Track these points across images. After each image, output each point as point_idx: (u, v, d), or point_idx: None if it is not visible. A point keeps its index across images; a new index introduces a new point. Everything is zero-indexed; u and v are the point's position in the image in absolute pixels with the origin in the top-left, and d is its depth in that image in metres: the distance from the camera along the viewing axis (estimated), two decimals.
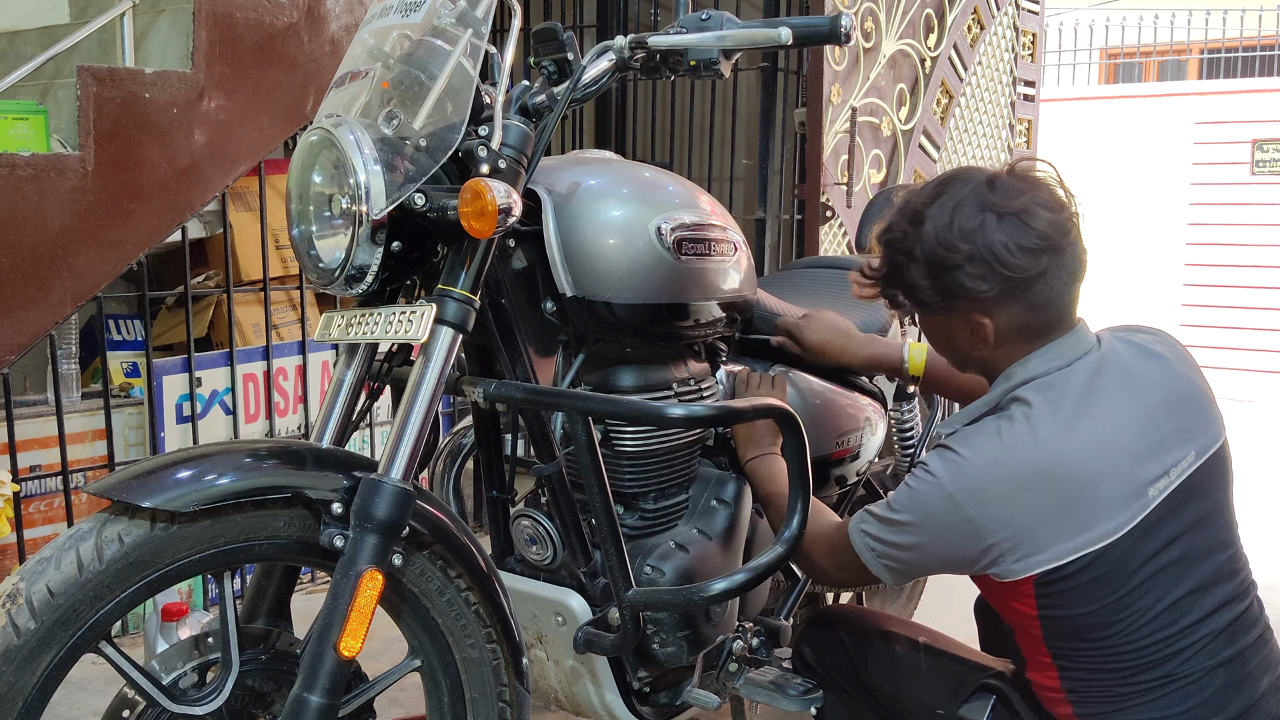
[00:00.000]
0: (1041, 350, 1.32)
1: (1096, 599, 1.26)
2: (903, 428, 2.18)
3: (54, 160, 2.25)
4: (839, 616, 1.65)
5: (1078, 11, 8.99)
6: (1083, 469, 1.24)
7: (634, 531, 1.56)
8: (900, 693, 1.50)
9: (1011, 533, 1.24)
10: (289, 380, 2.95)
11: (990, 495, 1.25)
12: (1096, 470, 1.24)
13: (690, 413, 1.37)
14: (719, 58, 1.37)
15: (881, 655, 1.54)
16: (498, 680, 1.35)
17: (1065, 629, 1.30)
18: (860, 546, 1.39)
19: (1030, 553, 1.25)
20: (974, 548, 1.28)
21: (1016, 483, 1.24)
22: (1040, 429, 1.26)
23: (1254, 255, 6.35)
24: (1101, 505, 1.24)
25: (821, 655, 1.60)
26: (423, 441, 1.25)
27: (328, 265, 1.30)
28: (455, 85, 1.26)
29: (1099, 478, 1.24)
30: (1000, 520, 1.25)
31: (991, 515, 1.25)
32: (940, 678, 1.48)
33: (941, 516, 1.28)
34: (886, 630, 1.57)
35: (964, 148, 4.08)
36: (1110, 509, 1.24)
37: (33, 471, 2.53)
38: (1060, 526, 1.23)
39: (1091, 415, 1.27)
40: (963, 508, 1.26)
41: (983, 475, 1.26)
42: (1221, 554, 1.31)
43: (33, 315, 2.25)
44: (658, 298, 1.49)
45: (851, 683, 1.56)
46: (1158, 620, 1.27)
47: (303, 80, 2.67)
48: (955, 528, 1.28)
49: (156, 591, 1.13)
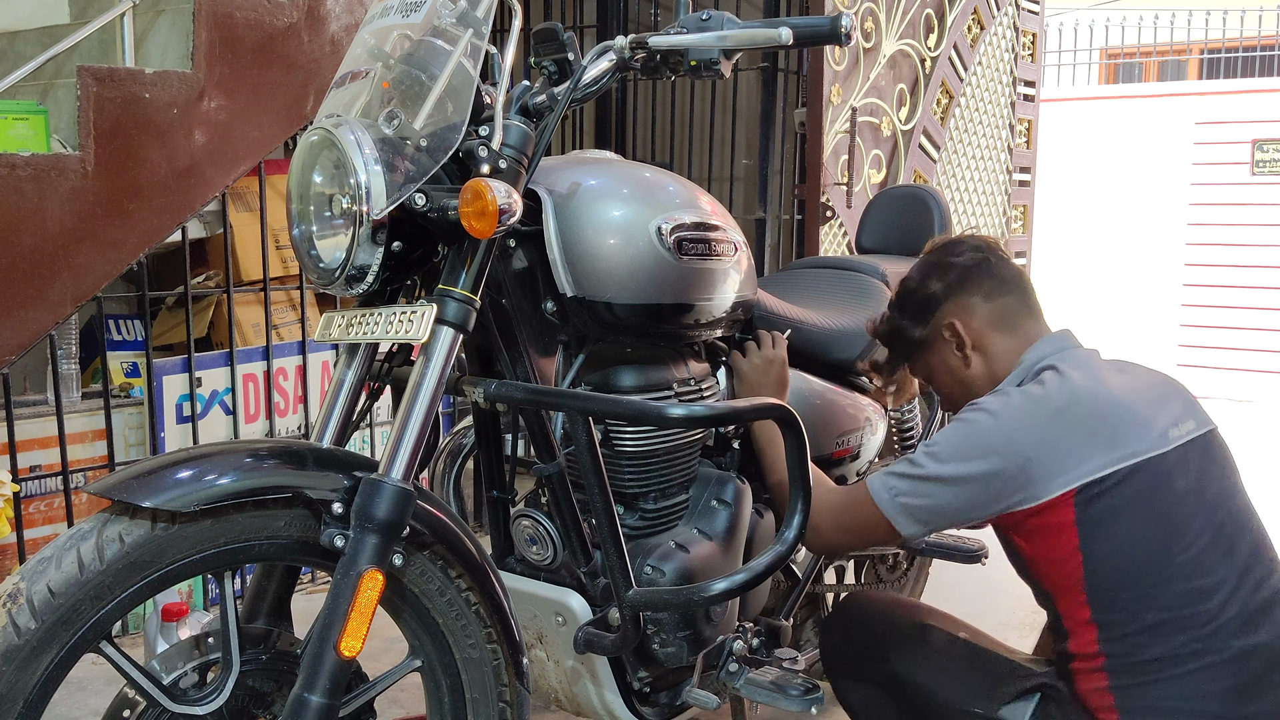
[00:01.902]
0: (1045, 339, 1.51)
1: (1134, 519, 1.33)
2: (903, 428, 2.19)
3: (54, 160, 2.25)
4: (870, 604, 1.64)
5: (1078, 11, 8.99)
6: (1109, 403, 1.40)
7: (634, 531, 1.56)
8: (936, 688, 1.47)
9: (1049, 449, 1.36)
10: (289, 380, 2.95)
11: (1031, 415, 1.39)
12: (1120, 408, 1.39)
13: (690, 413, 1.37)
14: (719, 58, 1.37)
15: (917, 649, 1.51)
16: (498, 680, 1.35)
17: (1106, 565, 1.33)
18: (879, 490, 1.46)
19: (1066, 467, 1.35)
20: (1010, 465, 1.37)
21: (1054, 409, 1.39)
22: (1070, 379, 1.42)
23: (1254, 255, 6.35)
24: (1128, 429, 1.37)
25: (852, 644, 1.59)
26: (423, 441, 1.25)
27: (328, 265, 1.30)
28: (456, 85, 1.26)
29: (1124, 410, 1.39)
30: (1037, 437, 1.37)
31: (1029, 433, 1.38)
32: (979, 676, 1.45)
33: (984, 437, 1.40)
34: (922, 622, 1.55)
35: (964, 148, 4.08)
36: (1136, 434, 1.36)
37: (33, 471, 2.53)
38: (1091, 443, 1.36)
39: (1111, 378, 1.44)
40: (1005, 426, 1.39)
41: (1025, 402, 1.42)
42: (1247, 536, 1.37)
43: (33, 315, 2.25)
44: (658, 298, 1.49)
45: (885, 676, 1.53)
46: (1189, 567, 1.32)
47: (303, 80, 2.67)
48: (996, 447, 1.38)
49: (157, 591, 1.13)
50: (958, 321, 1.54)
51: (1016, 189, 4.45)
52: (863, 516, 1.49)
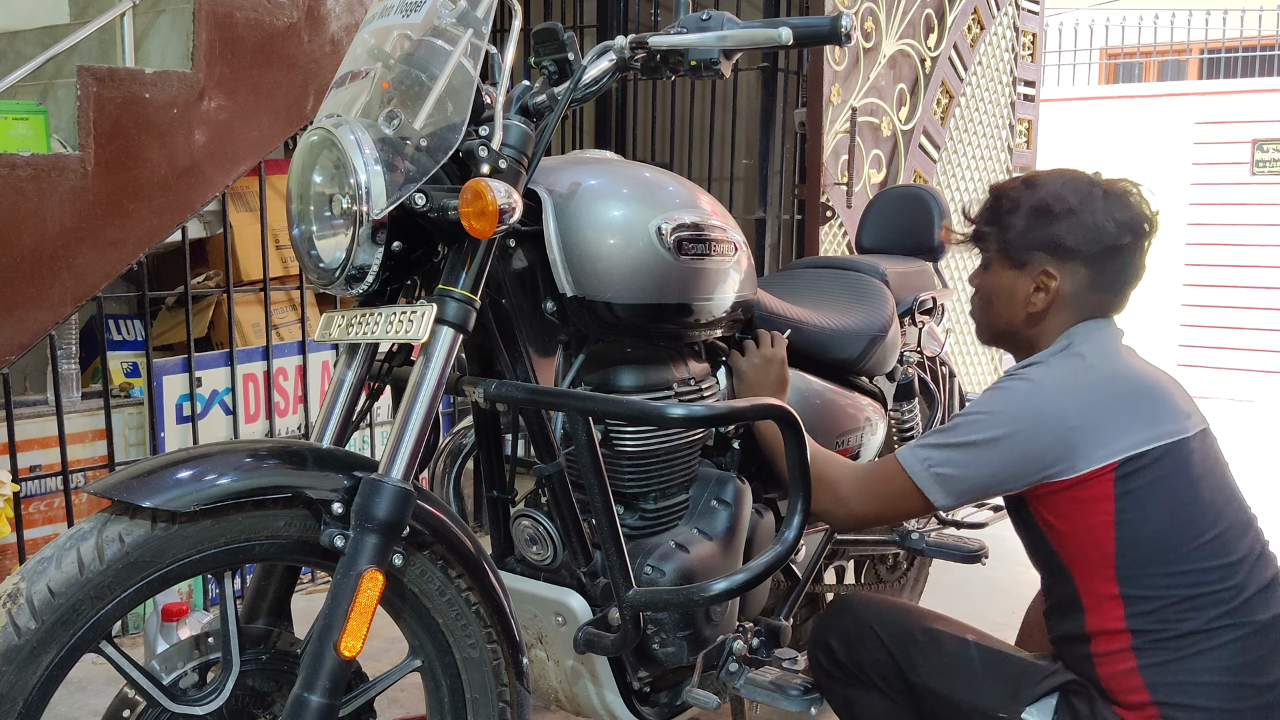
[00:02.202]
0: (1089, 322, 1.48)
1: (1169, 499, 1.34)
2: (903, 428, 2.18)
3: (54, 160, 2.25)
4: (866, 608, 1.56)
5: (1078, 11, 8.99)
6: (1147, 379, 1.42)
7: (634, 531, 1.56)
8: (955, 695, 1.43)
9: (1093, 419, 1.36)
10: (289, 380, 2.95)
11: (1073, 385, 1.39)
12: (1158, 382, 1.42)
13: (690, 413, 1.37)
14: (719, 58, 1.37)
15: (930, 655, 1.46)
16: (498, 680, 1.35)
17: (1140, 540, 1.34)
18: (911, 461, 1.44)
19: (1110, 439, 1.35)
20: (1052, 433, 1.36)
21: (1097, 379, 1.40)
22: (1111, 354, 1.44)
23: (1254, 255, 6.36)
24: (1164, 408, 1.39)
25: (857, 653, 1.52)
26: (423, 441, 1.25)
27: (328, 265, 1.30)
28: (456, 85, 1.26)
29: (1162, 387, 1.41)
30: (1081, 406, 1.37)
31: (1074, 401, 1.37)
32: (998, 679, 1.42)
33: (1025, 404, 1.39)
34: (929, 627, 1.50)
35: (964, 148, 4.08)
36: (1170, 415, 1.38)
37: (33, 471, 2.53)
38: (1135, 418, 1.37)
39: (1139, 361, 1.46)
40: (1048, 392, 1.38)
41: (1067, 371, 1.41)
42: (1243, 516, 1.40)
43: (33, 315, 2.25)
44: (658, 298, 1.49)
45: (895, 683, 1.48)
46: (1215, 544, 1.34)
47: (303, 80, 2.67)
48: (1038, 413, 1.37)
49: (157, 591, 1.13)
50: (1059, 278, 1.46)
51: None
52: (893, 487, 1.47)
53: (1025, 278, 1.48)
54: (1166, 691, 1.33)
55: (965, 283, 4.15)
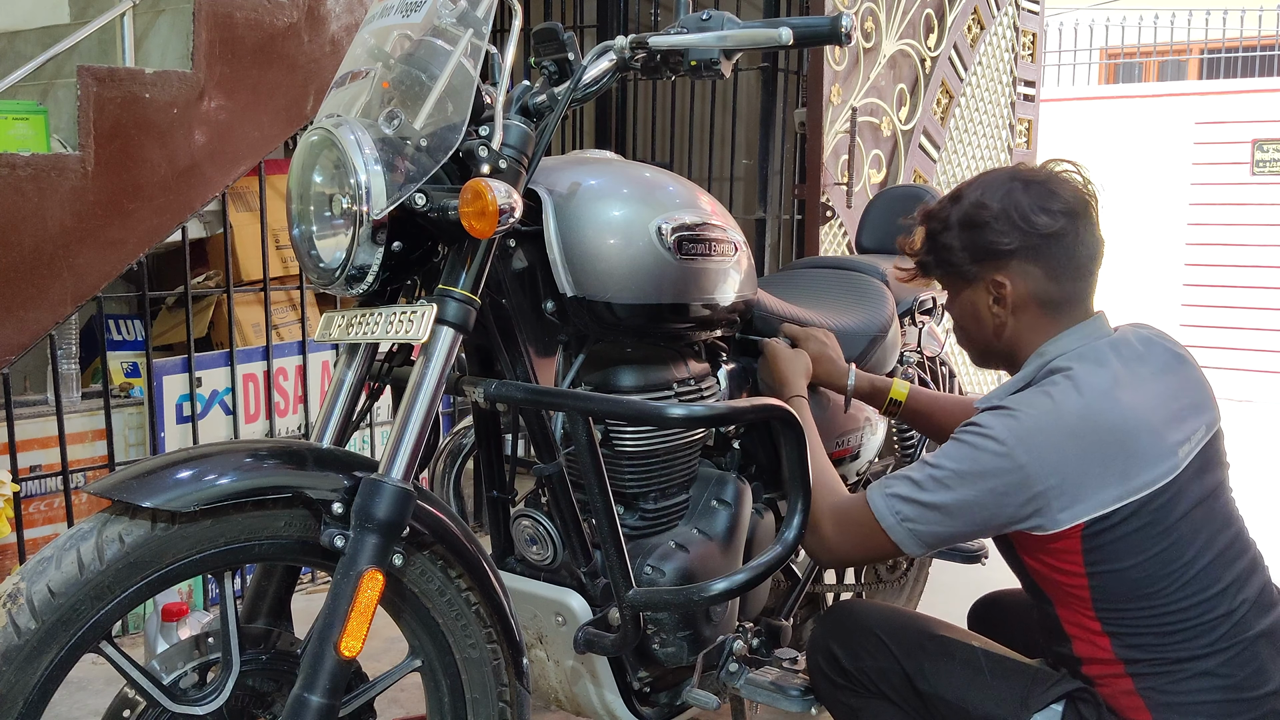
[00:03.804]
0: (1071, 330, 1.41)
1: (1142, 551, 1.30)
2: (902, 428, 2.18)
3: (54, 160, 2.25)
4: (869, 614, 1.54)
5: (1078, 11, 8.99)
6: (1123, 424, 1.31)
7: (634, 531, 1.56)
8: (965, 703, 1.42)
9: (1060, 479, 1.30)
10: (289, 380, 2.95)
11: (1042, 442, 1.31)
12: (1135, 427, 1.31)
13: (690, 413, 1.37)
14: (719, 58, 1.37)
15: (939, 661, 1.45)
16: (498, 680, 1.35)
17: (1115, 588, 1.32)
18: (884, 512, 1.39)
19: (1077, 499, 1.30)
20: (1020, 496, 1.31)
21: (1066, 431, 1.31)
22: (1084, 388, 1.33)
23: (1254, 255, 6.36)
24: (1140, 458, 1.30)
25: (861, 660, 1.49)
26: (423, 441, 1.25)
27: (328, 265, 1.30)
28: (456, 85, 1.26)
29: (1137, 433, 1.31)
30: (1050, 466, 1.30)
31: (1042, 461, 1.30)
32: (1008, 687, 1.41)
33: (992, 466, 1.32)
34: (936, 634, 1.48)
35: (964, 148, 4.08)
36: (1148, 462, 1.31)
37: (33, 471, 2.53)
38: (1105, 475, 1.29)
39: (1127, 381, 1.35)
40: (1015, 455, 1.31)
41: (1035, 424, 1.32)
42: (1230, 529, 1.37)
43: (33, 315, 2.25)
44: (658, 298, 1.49)
45: (903, 690, 1.46)
46: (1198, 580, 1.31)
47: (303, 80, 2.67)
48: (1004, 475, 1.31)
49: (157, 591, 1.13)
50: (1009, 283, 1.41)
51: None
52: (867, 533, 1.43)
53: (980, 292, 1.45)
54: (1165, 711, 1.33)
55: None
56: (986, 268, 1.42)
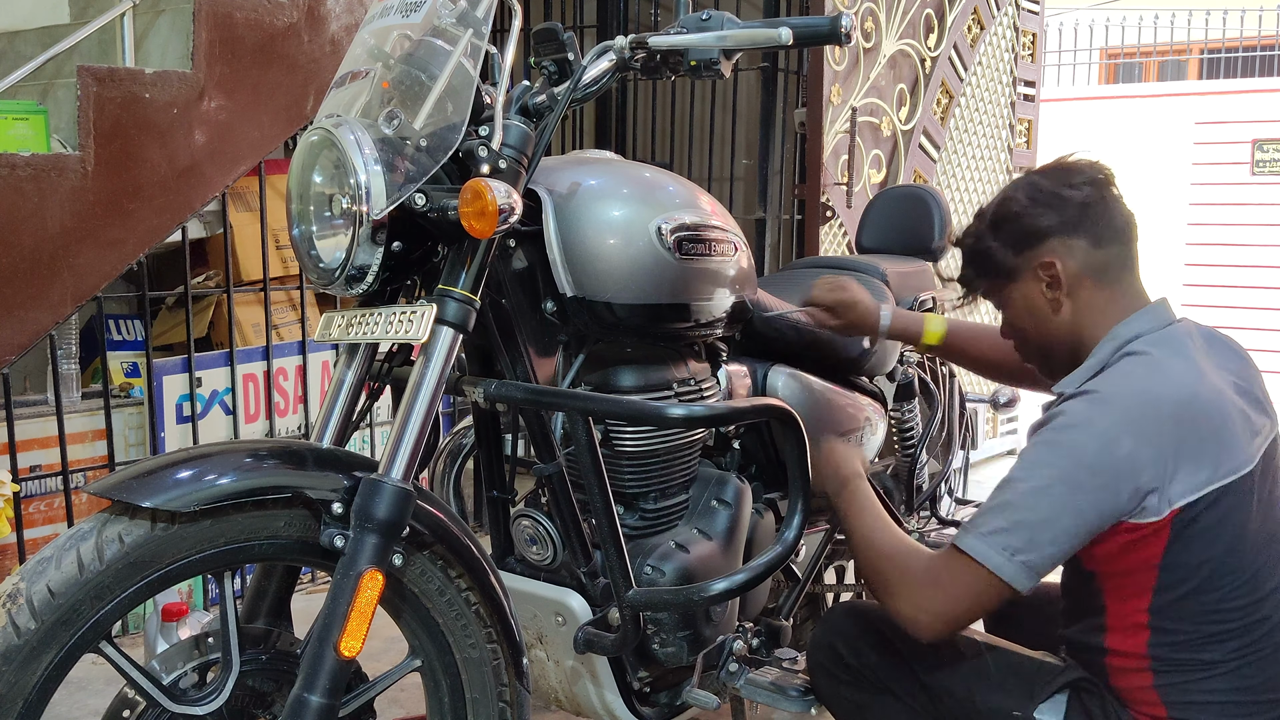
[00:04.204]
0: (1141, 312, 1.38)
1: (1219, 542, 1.28)
2: (903, 428, 2.19)
3: (54, 160, 2.25)
4: (871, 612, 1.52)
5: (1078, 11, 8.99)
6: (1214, 406, 1.29)
7: (634, 531, 1.56)
8: (972, 696, 1.40)
9: (1164, 465, 1.26)
10: (289, 380, 2.95)
11: (1144, 427, 1.26)
12: (1224, 410, 1.29)
13: (690, 413, 1.37)
14: (719, 58, 1.37)
15: (945, 655, 1.43)
16: (498, 680, 1.35)
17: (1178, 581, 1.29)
18: (989, 553, 1.28)
19: (1178, 483, 1.26)
20: (1130, 485, 1.26)
21: (1165, 412, 1.27)
22: (1170, 371, 1.30)
23: (1254, 255, 6.35)
24: (1228, 443, 1.28)
25: (864, 655, 1.48)
26: (423, 441, 1.25)
27: (328, 265, 1.30)
28: (456, 85, 1.26)
29: (1227, 417, 1.29)
30: (1154, 450, 1.26)
31: (1147, 445, 1.26)
32: (1014, 679, 1.40)
33: (1098, 460, 1.26)
34: None
35: (964, 148, 4.08)
36: (1235, 447, 1.29)
37: (33, 471, 2.53)
38: (1201, 457, 1.27)
39: (1207, 366, 1.33)
40: (1121, 442, 1.26)
41: (1133, 405, 1.28)
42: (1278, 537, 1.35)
43: (33, 315, 2.25)
44: (658, 298, 1.49)
45: (908, 685, 1.45)
46: (1253, 582, 1.30)
47: (303, 80, 2.67)
48: (1113, 467, 1.25)
49: (157, 591, 1.13)
50: (1058, 261, 1.39)
51: None
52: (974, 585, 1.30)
53: (1030, 284, 1.43)
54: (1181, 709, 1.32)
55: None
56: (1030, 255, 1.41)
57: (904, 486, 2.20)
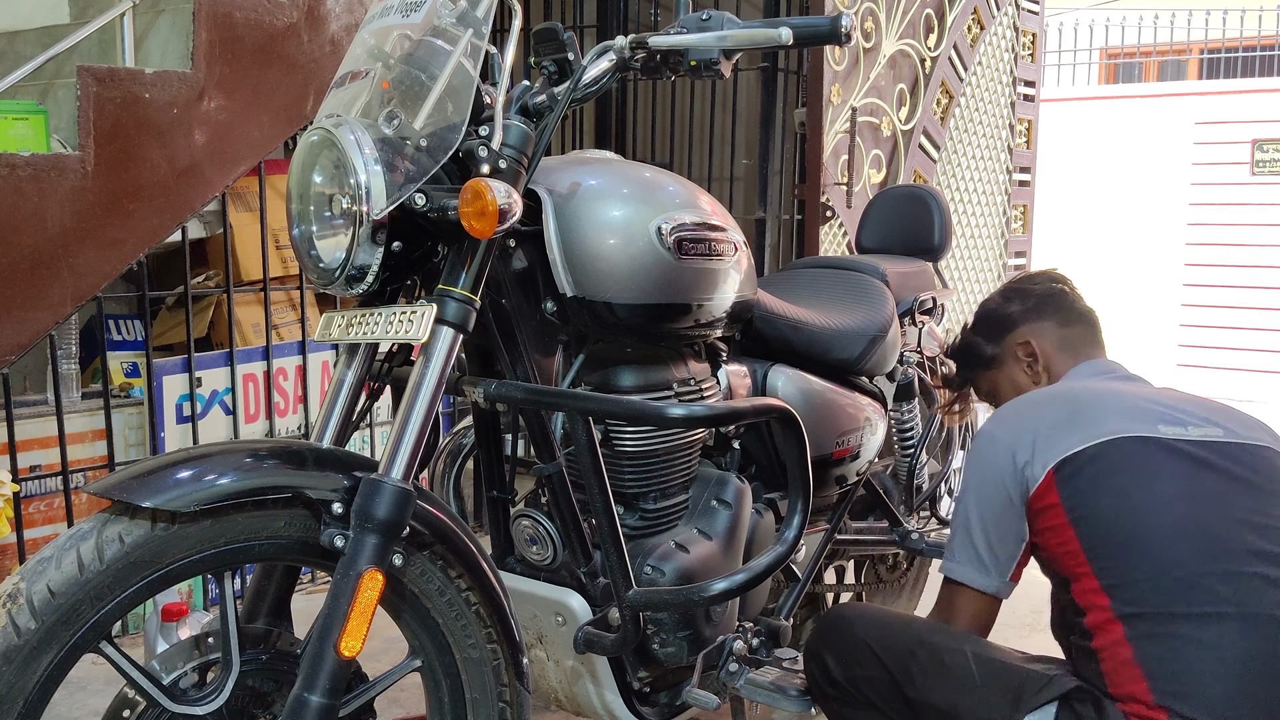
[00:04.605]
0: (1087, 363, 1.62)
1: (1116, 490, 1.36)
2: (903, 428, 2.19)
3: (54, 160, 2.25)
4: (861, 622, 1.53)
5: (1078, 11, 8.99)
6: (1089, 396, 1.49)
7: (634, 531, 1.56)
8: (956, 710, 1.40)
9: (1032, 438, 1.43)
10: (289, 380, 2.95)
11: (1011, 415, 1.51)
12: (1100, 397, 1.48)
13: (690, 413, 1.37)
14: (719, 58, 1.37)
15: (929, 669, 1.43)
16: (498, 680, 1.35)
17: (1097, 533, 1.36)
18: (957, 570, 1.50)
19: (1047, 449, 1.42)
20: (1008, 465, 1.44)
21: (1031, 403, 1.51)
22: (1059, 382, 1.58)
23: (1254, 255, 6.35)
24: (1103, 414, 1.43)
25: (852, 670, 1.49)
26: (423, 441, 1.25)
27: (328, 265, 1.30)
28: (456, 85, 1.26)
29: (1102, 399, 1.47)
30: (1020, 430, 1.45)
31: (1014, 430, 1.46)
32: (999, 689, 1.39)
33: (983, 454, 1.48)
34: (926, 640, 1.47)
35: (964, 148, 4.08)
36: (1112, 417, 1.42)
37: (33, 471, 2.53)
38: (1070, 428, 1.42)
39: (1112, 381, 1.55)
40: (994, 435, 1.48)
41: (1004, 408, 1.56)
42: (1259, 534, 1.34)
43: (33, 315, 2.25)
44: (658, 298, 1.49)
45: (892, 700, 1.45)
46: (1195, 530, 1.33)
47: (303, 80, 2.67)
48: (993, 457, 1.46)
49: (157, 591, 1.13)
50: (1033, 339, 1.65)
51: (1016, 189, 4.45)
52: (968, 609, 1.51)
53: (1011, 365, 1.68)
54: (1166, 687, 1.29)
55: (965, 283, 4.15)
56: (1008, 341, 1.68)
57: (904, 486, 2.20)
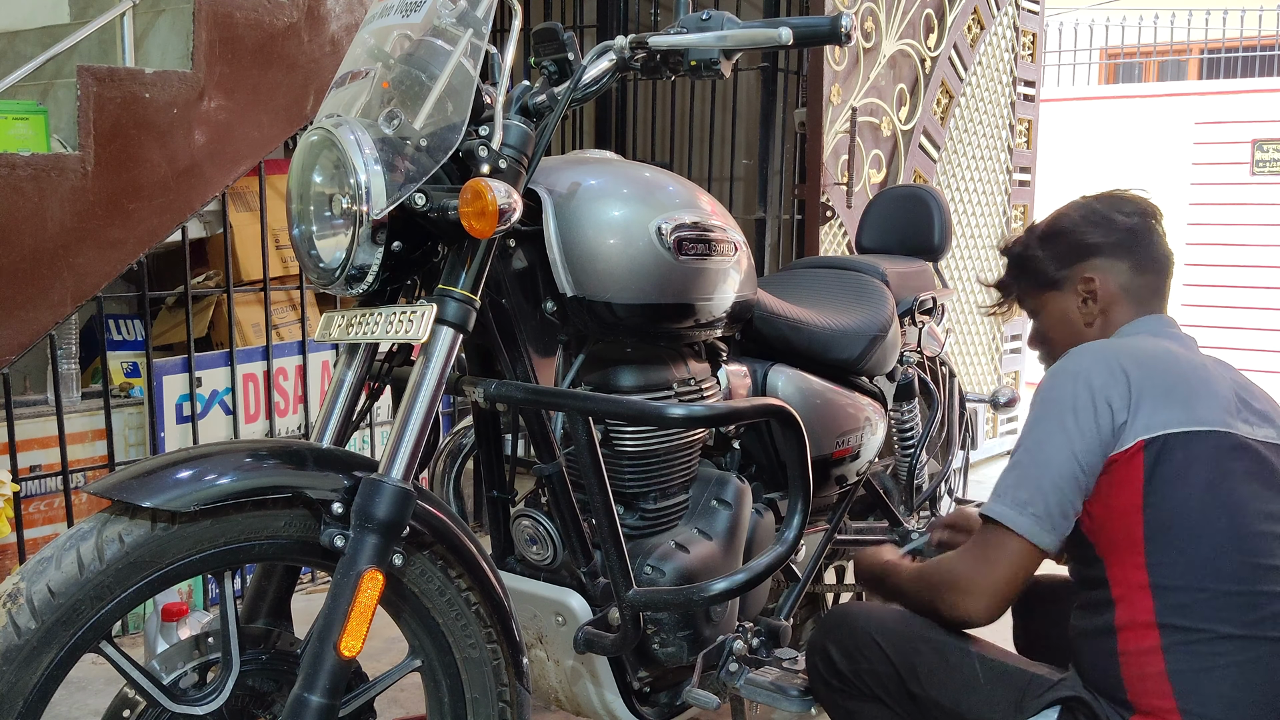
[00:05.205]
0: (1147, 317, 1.49)
1: (1200, 481, 1.31)
2: (903, 428, 2.19)
3: (54, 160, 2.25)
4: (866, 616, 1.53)
5: (1078, 11, 8.99)
6: (1185, 363, 1.39)
7: (634, 531, 1.56)
8: (959, 707, 1.40)
9: (1129, 394, 1.34)
10: (289, 380, 2.95)
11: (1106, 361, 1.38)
12: (1197, 371, 1.38)
13: (690, 413, 1.37)
14: (719, 58, 1.37)
15: (934, 665, 1.43)
16: (498, 680, 1.35)
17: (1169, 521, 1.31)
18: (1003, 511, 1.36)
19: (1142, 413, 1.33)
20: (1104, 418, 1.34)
21: (1130, 358, 1.38)
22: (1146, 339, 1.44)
23: (1254, 255, 6.35)
24: (1201, 399, 1.35)
25: (857, 663, 1.48)
26: (423, 441, 1.25)
27: (328, 265, 1.30)
28: (456, 85, 1.26)
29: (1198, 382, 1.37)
30: (1119, 382, 1.35)
31: (1113, 379, 1.35)
32: (1002, 690, 1.39)
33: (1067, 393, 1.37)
34: (932, 637, 1.46)
35: (964, 148, 4.08)
36: (1208, 406, 1.35)
37: (33, 471, 2.53)
38: (1169, 398, 1.34)
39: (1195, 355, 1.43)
40: (1082, 374, 1.37)
41: (1098, 351, 1.40)
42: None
43: (33, 315, 2.25)
44: (658, 298, 1.49)
45: (897, 694, 1.45)
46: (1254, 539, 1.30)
47: (303, 80, 2.67)
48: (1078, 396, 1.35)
49: (157, 591, 1.13)
50: (1098, 278, 1.50)
51: (1016, 189, 4.45)
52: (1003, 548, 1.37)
53: (1069, 294, 1.53)
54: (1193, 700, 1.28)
55: (965, 283, 4.15)
56: (1075, 269, 1.51)
57: (904, 486, 2.20)
